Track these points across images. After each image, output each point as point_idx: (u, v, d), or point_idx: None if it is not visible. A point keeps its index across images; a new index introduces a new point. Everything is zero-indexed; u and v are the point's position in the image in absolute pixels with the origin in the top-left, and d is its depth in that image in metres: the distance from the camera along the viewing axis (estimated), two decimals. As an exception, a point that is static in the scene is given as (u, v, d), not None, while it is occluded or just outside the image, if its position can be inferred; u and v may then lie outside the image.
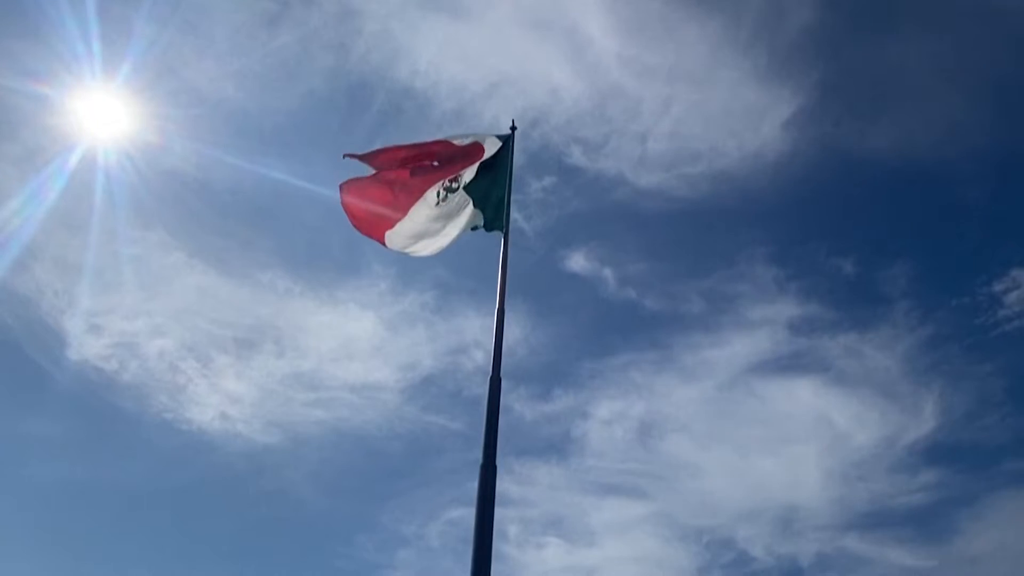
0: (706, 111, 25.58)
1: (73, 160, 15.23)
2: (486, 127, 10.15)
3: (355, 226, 7.24)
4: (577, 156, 24.77)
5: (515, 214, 6.81)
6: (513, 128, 7.12)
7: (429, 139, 7.17)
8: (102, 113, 15.42)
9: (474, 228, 7.17)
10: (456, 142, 7.00)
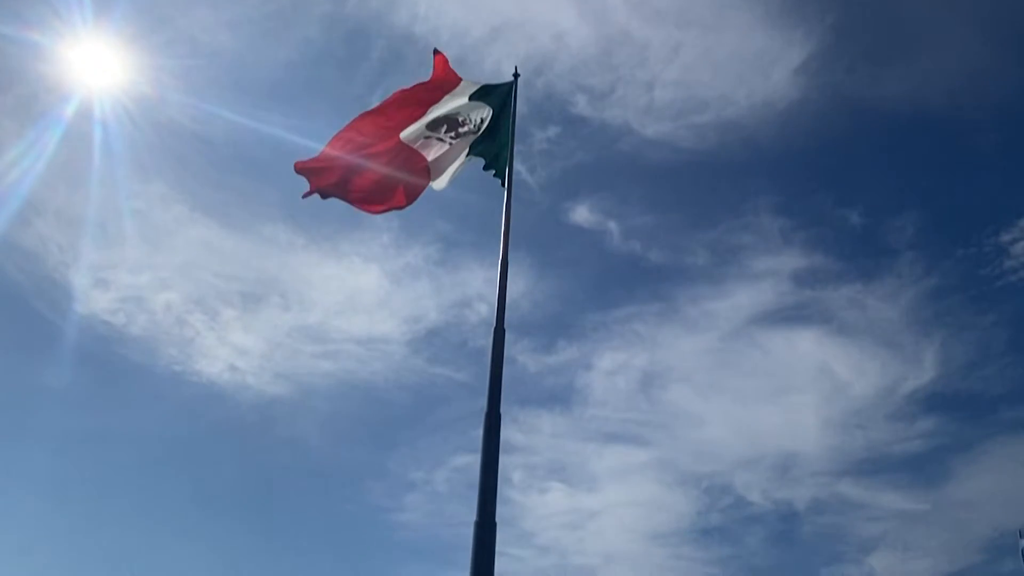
0: (715, 57, 24.79)
1: (69, 111, 15.05)
2: (488, 75, 9.78)
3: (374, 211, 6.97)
4: (582, 105, 24.16)
5: (518, 166, 6.66)
6: (516, 75, 6.89)
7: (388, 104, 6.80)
8: (96, 62, 15.16)
9: (486, 169, 6.91)
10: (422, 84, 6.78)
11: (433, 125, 6.86)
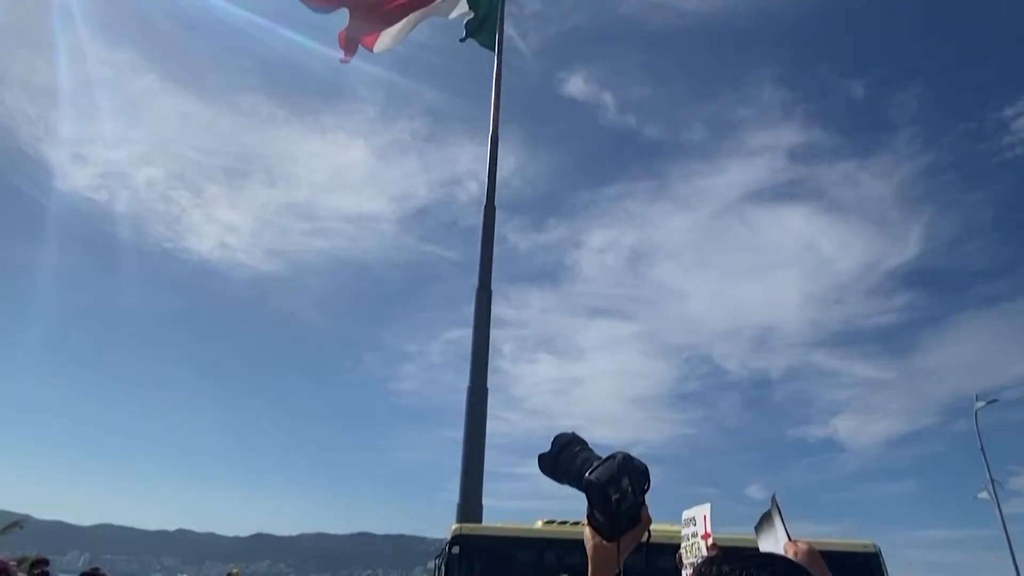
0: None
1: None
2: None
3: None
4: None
5: (509, 30, 6.00)
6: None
7: None
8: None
9: (463, 39, 6.49)
10: None
11: None
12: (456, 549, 13.99)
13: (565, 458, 1.34)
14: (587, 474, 1.25)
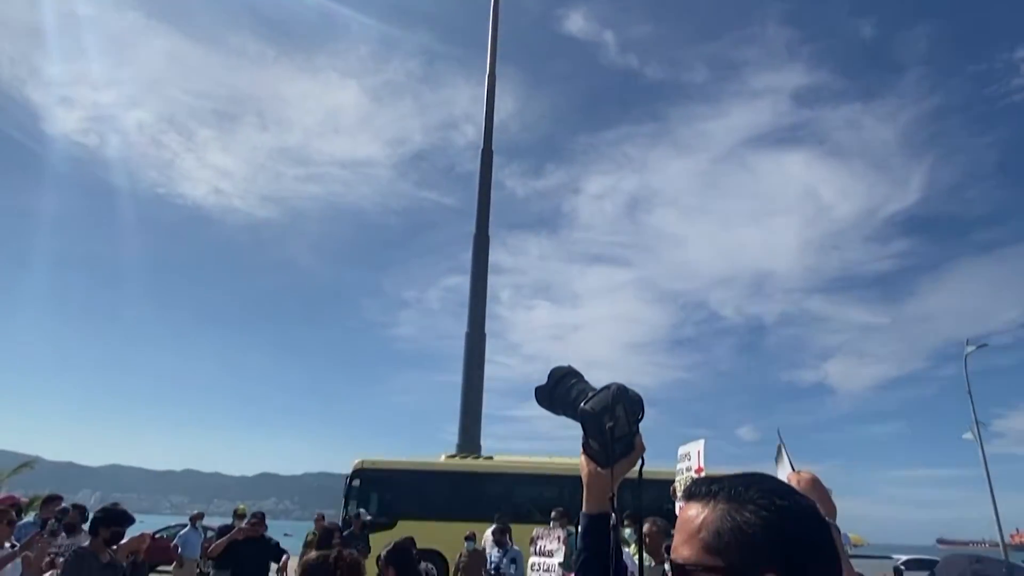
0: None
1: None
2: None
3: None
4: None
5: None
6: None
7: None
8: None
9: None
10: None
11: None
12: (356, 481, 14.72)
13: (561, 390, 1.35)
14: (582, 404, 1.26)
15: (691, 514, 0.93)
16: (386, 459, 15.61)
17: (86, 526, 7.60)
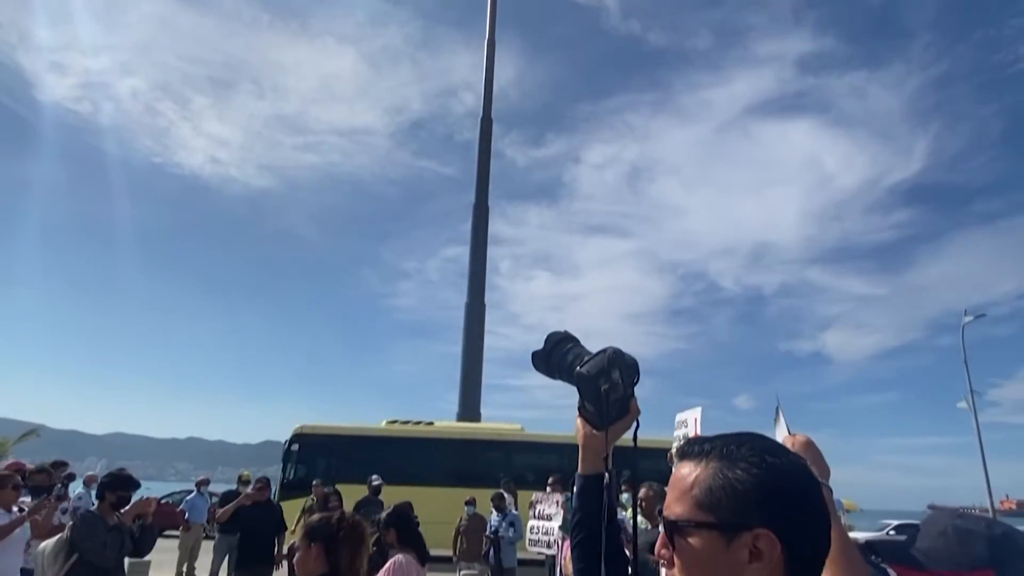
0: None
1: None
2: None
3: None
4: None
5: None
6: None
7: None
8: None
9: None
10: None
11: None
12: (295, 446, 15.27)
13: (558, 354, 1.36)
14: (578, 368, 1.27)
15: (683, 472, 0.95)
16: (325, 424, 15.98)
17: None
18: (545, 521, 8.15)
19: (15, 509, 5.34)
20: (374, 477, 9.75)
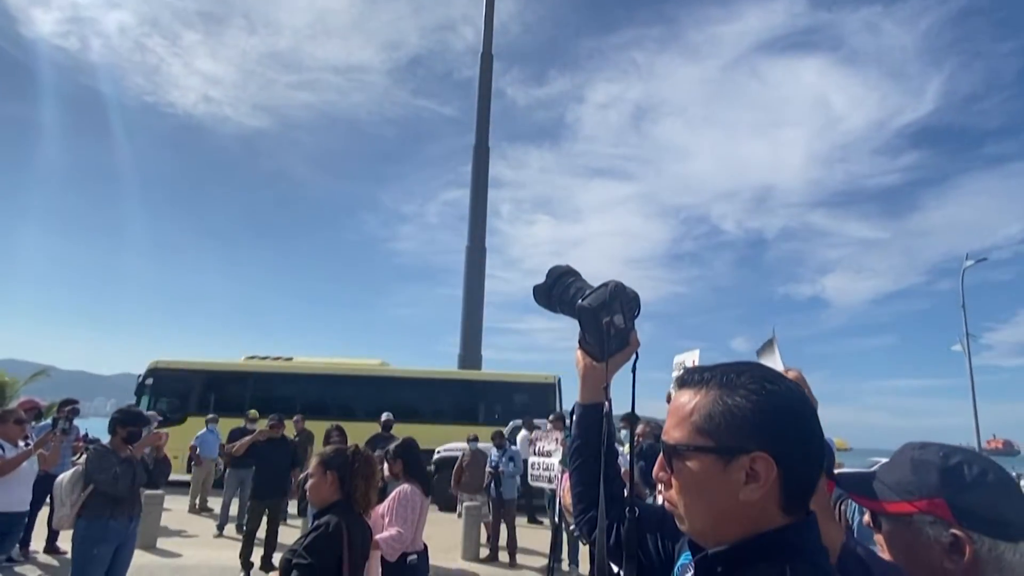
0: None
1: None
2: None
3: None
4: None
5: None
6: None
7: None
8: None
9: None
10: None
11: None
12: (149, 380, 15.60)
13: (559, 288, 1.36)
14: (580, 301, 1.27)
15: (683, 400, 0.96)
16: (179, 359, 16.17)
17: (42, 422, 7.90)
18: (545, 457, 8.41)
19: (21, 444, 5.51)
20: (386, 413, 9.93)
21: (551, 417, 8.94)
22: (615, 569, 1.12)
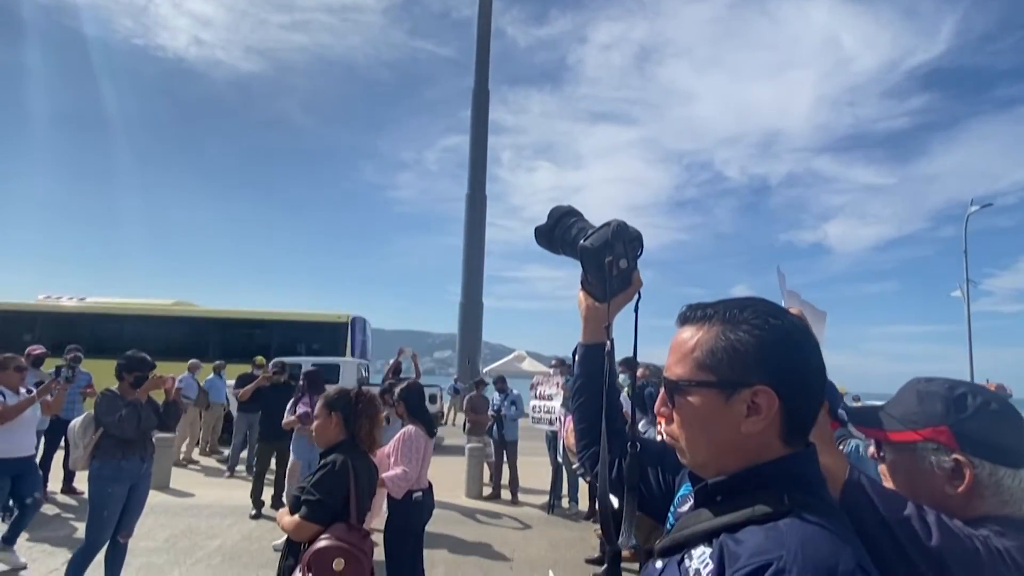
0: None
1: None
2: None
3: None
4: None
5: None
6: None
7: None
8: None
9: None
10: None
11: None
12: None
13: (561, 229, 1.34)
14: (582, 241, 1.25)
15: (685, 336, 0.96)
16: None
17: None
18: (546, 401, 8.57)
19: (23, 391, 5.60)
20: (402, 352, 9.77)
21: (554, 361, 9.06)
22: (615, 502, 1.14)
